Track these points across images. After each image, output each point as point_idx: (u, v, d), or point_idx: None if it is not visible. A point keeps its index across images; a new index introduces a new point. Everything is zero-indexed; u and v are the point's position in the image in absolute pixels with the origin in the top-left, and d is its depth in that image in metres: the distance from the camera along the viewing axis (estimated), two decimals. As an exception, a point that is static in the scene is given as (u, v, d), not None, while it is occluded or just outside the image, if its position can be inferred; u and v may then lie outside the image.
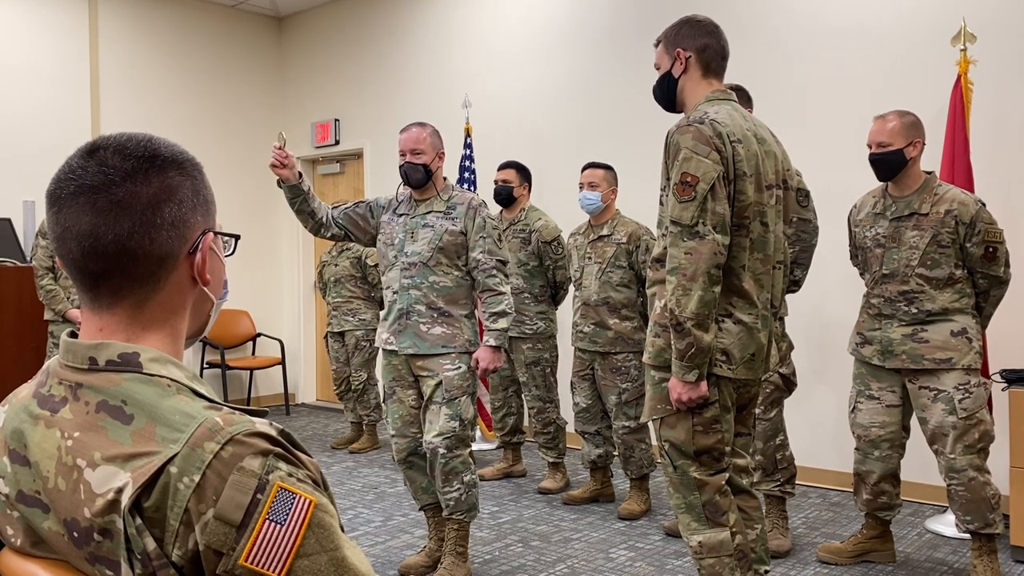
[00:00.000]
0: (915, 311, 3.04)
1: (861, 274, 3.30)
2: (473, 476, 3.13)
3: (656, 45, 2.44)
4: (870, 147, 3.10)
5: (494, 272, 3.14)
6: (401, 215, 3.23)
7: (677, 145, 2.22)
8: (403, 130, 3.24)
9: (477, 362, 3.12)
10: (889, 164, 3.06)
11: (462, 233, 3.13)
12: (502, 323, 3.12)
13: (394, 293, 3.17)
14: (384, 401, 3.26)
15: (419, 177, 3.16)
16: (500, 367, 3.24)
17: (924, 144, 3.08)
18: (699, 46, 2.34)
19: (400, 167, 3.20)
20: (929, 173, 3.11)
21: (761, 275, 2.30)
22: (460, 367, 3.10)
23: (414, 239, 3.15)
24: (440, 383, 3.07)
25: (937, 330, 3.01)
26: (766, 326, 2.32)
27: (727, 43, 2.40)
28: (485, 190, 5.32)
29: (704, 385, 2.21)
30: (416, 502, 3.30)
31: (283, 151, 3.12)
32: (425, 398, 3.12)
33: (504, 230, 4.44)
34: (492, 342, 3.11)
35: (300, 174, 3.20)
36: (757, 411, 3.34)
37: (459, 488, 3.09)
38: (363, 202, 3.34)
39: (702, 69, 2.35)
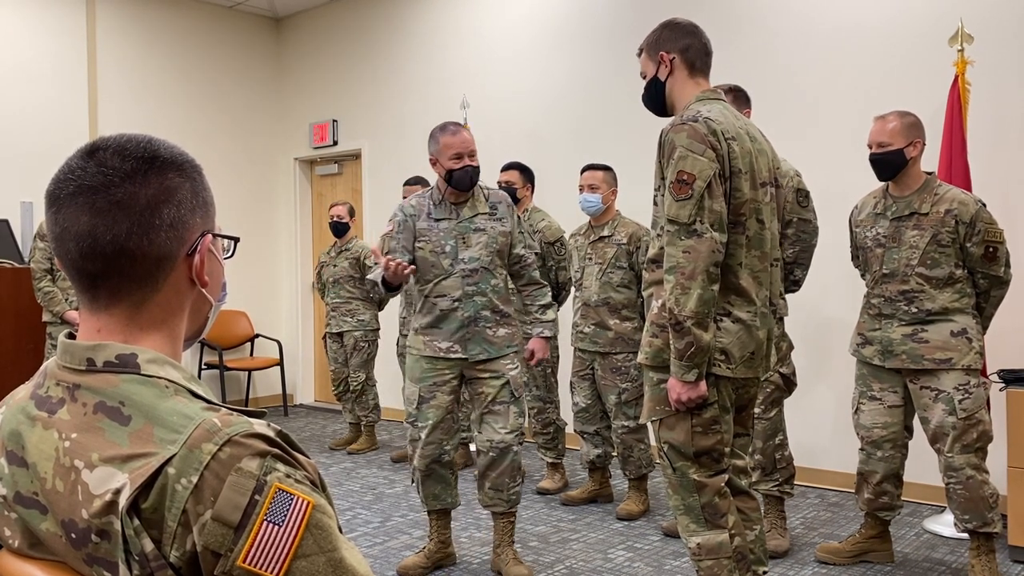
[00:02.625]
0: (915, 311, 3.04)
1: (862, 275, 3.30)
2: None
3: (639, 55, 2.45)
4: (870, 147, 3.11)
5: (535, 266, 3.27)
6: (440, 219, 3.13)
7: (672, 143, 2.20)
8: (447, 130, 3.09)
9: (532, 353, 3.25)
10: (889, 164, 3.07)
11: (510, 232, 3.19)
12: (551, 314, 3.26)
13: (454, 301, 3.10)
14: (418, 406, 3.15)
15: (475, 180, 3.12)
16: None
17: (924, 144, 3.08)
18: (681, 47, 2.35)
19: (454, 171, 3.06)
20: (929, 174, 3.12)
21: (759, 272, 2.29)
22: (518, 364, 3.20)
23: (467, 244, 3.11)
24: (507, 382, 3.14)
25: (937, 330, 3.01)
26: (765, 324, 2.31)
27: (709, 41, 2.40)
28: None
29: (703, 385, 2.20)
30: (425, 506, 3.26)
31: (389, 263, 2.87)
32: (487, 399, 3.13)
33: None
34: (546, 333, 3.24)
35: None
36: (756, 411, 3.34)
37: (520, 482, 3.21)
38: (399, 234, 3.14)
39: (688, 69, 2.36)
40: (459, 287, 3.10)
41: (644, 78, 2.44)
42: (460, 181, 3.09)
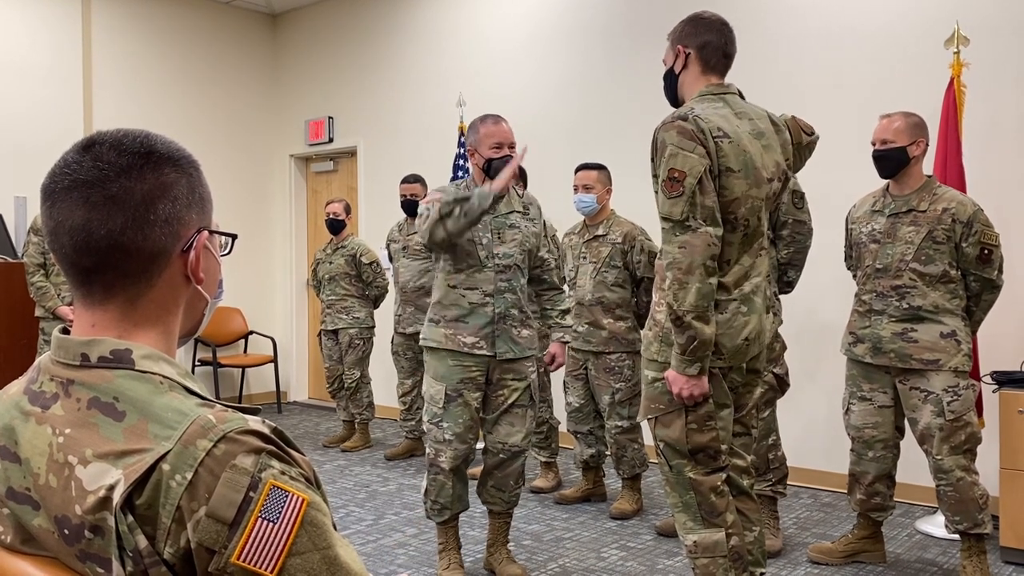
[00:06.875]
0: (906, 307, 3.05)
1: (853, 275, 3.31)
2: None
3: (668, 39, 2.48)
4: (874, 144, 3.14)
5: (557, 270, 3.26)
6: None
7: (663, 142, 2.24)
8: (487, 120, 3.04)
9: (553, 358, 3.23)
10: (891, 161, 3.09)
11: (539, 234, 3.18)
12: (570, 319, 3.27)
13: (486, 296, 3.03)
14: (444, 405, 3.03)
15: (517, 173, 3.06)
16: None
17: (927, 145, 3.11)
18: (699, 43, 2.38)
19: (493, 160, 3.00)
20: (929, 176, 3.14)
21: (745, 261, 2.30)
22: (535, 368, 3.18)
23: (502, 240, 3.07)
24: (529, 386, 3.12)
25: (927, 330, 3.02)
26: (752, 309, 2.29)
27: (732, 41, 2.42)
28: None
29: (705, 380, 2.21)
30: (446, 513, 3.11)
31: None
32: (506, 401, 3.09)
33: None
34: (567, 338, 3.24)
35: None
36: (749, 411, 3.35)
37: (521, 484, 3.24)
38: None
39: (701, 66, 2.39)
40: (492, 282, 3.03)
41: (665, 65, 2.47)
42: (498, 170, 2.98)
